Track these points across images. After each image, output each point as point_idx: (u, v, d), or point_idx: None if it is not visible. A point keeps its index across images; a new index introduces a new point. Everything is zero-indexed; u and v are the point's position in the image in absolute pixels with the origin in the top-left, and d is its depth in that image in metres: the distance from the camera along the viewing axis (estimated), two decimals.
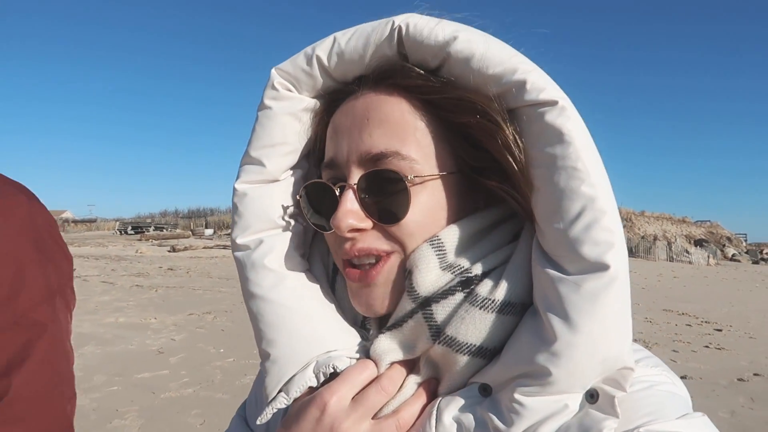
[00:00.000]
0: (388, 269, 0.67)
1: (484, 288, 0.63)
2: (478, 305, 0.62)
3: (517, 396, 0.58)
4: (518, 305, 0.63)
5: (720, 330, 9.90)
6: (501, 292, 0.62)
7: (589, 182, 0.58)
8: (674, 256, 33.08)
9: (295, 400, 0.67)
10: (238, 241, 0.72)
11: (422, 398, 0.66)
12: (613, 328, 0.56)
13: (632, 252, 32.20)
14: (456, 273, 0.65)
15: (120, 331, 8.17)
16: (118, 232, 37.68)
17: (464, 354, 0.62)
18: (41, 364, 0.90)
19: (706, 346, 8.39)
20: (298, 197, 0.73)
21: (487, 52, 0.62)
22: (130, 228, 37.83)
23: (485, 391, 0.63)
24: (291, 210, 0.75)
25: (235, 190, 0.73)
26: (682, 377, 6.15)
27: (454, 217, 0.68)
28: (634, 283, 17.64)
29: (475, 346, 0.62)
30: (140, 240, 27.62)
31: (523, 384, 0.58)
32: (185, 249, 21.08)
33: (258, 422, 0.70)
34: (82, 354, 6.72)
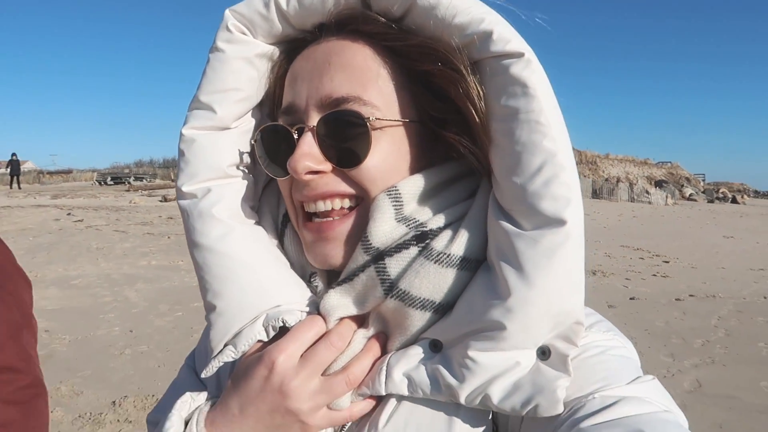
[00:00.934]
0: (348, 223, 0.66)
1: (439, 242, 0.63)
2: (432, 259, 0.62)
3: (470, 352, 0.58)
4: (473, 261, 0.63)
5: (667, 262, 11.53)
6: (457, 246, 0.62)
7: (551, 136, 0.57)
8: (635, 197, 35.07)
9: (244, 354, 0.66)
10: (184, 189, 0.70)
11: (372, 353, 0.66)
12: (567, 283, 0.56)
13: (596, 194, 34.07)
14: (411, 226, 0.65)
15: (158, 272, 9.07)
16: (97, 183, 37.64)
17: (417, 309, 0.62)
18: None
19: (654, 275, 9.97)
20: (252, 142, 0.71)
21: (453, 1, 0.60)
22: (109, 179, 37.76)
23: (436, 347, 0.63)
24: (243, 159, 0.73)
25: (182, 135, 0.71)
26: (630, 298, 7.77)
27: (414, 168, 0.67)
28: (597, 222, 19.39)
29: (428, 300, 0.62)
30: (128, 191, 28.05)
31: (476, 339, 0.58)
32: (175, 198, 21.70)
33: (203, 375, 0.69)
34: (137, 290, 7.83)
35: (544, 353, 0.58)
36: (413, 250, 0.63)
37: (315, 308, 0.67)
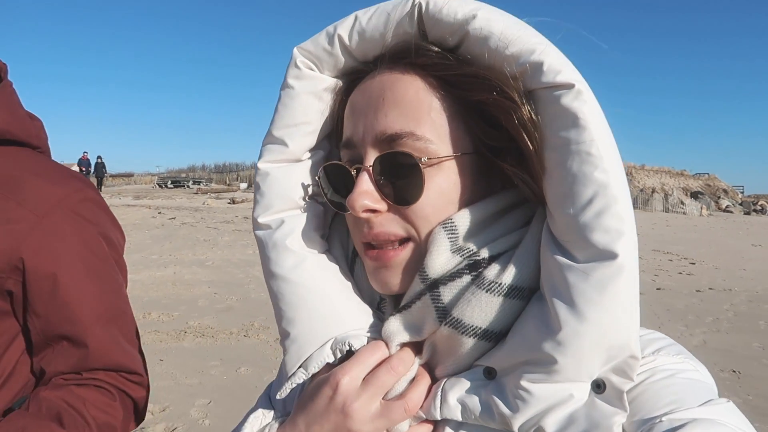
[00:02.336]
0: (405, 253, 0.68)
1: (491, 271, 0.63)
2: (484, 288, 0.62)
3: (523, 383, 0.58)
4: (525, 290, 0.63)
5: (693, 263, 13.01)
6: (508, 276, 0.62)
7: (603, 168, 0.57)
8: (670, 207, 36.00)
9: (313, 375, 0.69)
10: (260, 220, 0.74)
11: (426, 380, 0.67)
12: (620, 317, 0.55)
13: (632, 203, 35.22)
14: (465, 256, 0.65)
15: None
16: (158, 186, 40.58)
17: (469, 336, 0.63)
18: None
19: (679, 273, 11.53)
20: (317, 177, 0.73)
21: (506, 30, 0.61)
22: (169, 182, 40.70)
23: (490, 374, 0.63)
24: (312, 190, 0.76)
25: (257, 169, 0.74)
26: (657, 288, 9.52)
27: (469, 199, 0.67)
28: None
29: (480, 328, 0.62)
30: (196, 194, 30.53)
31: (529, 371, 0.58)
32: (242, 201, 23.70)
33: (278, 397, 0.72)
34: (259, 270, 9.80)
35: (599, 386, 0.58)
36: (466, 279, 0.64)
37: (380, 334, 0.69)
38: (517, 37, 0.61)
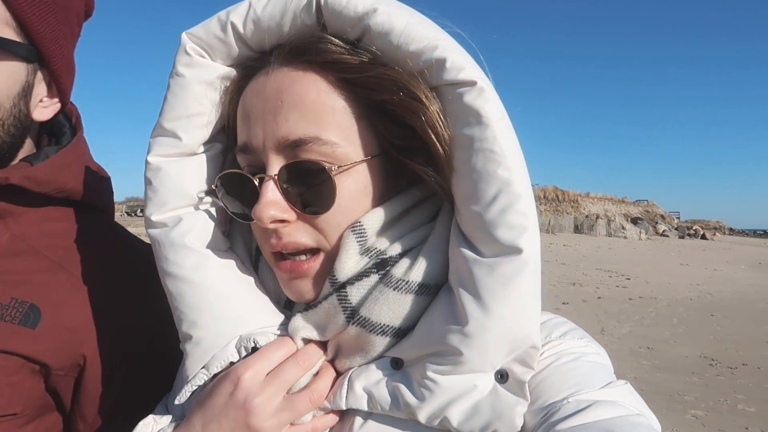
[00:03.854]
0: (318, 263, 0.66)
1: (399, 269, 0.63)
2: (392, 286, 0.62)
3: (429, 373, 0.59)
4: (432, 286, 0.63)
5: (629, 279, 15.35)
6: (416, 273, 0.63)
7: (506, 165, 0.57)
8: (613, 232, 39.12)
9: (215, 375, 0.67)
10: (154, 218, 0.70)
11: (332, 372, 0.68)
12: (523, 310, 0.57)
13: (577, 229, 38.13)
14: (372, 256, 0.65)
15: None
16: (126, 214, 41.05)
17: (378, 334, 0.63)
18: None
19: (617, 286, 13.80)
20: (213, 186, 0.70)
21: (408, 27, 0.60)
22: (139, 210, 41.29)
23: (396, 364, 0.64)
24: (210, 186, 0.72)
25: (147, 163, 0.70)
26: (598, 297, 11.80)
27: (379, 200, 0.66)
28: (578, 252, 23.30)
29: (388, 326, 0.63)
30: None
31: (435, 362, 0.59)
32: None
33: (177, 402, 0.69)
34: None
35: (502, 377, 0.59)
36: (374, 278, 0.64)
37: (287, 333, 0.68)
38: (418, 33, 0.60)
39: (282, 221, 0.64)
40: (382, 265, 0.65)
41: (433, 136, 0.61)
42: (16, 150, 0.90)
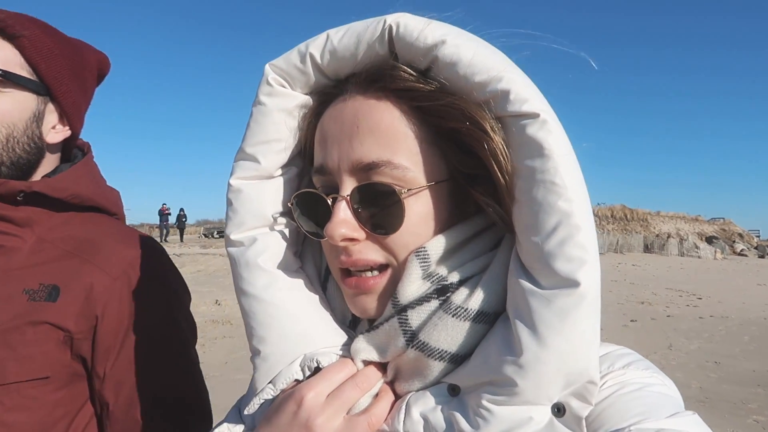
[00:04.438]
0: (383, 280, 0.69)
1: (459, 296, 0.65)
2: (451, 313, 0.64)
3: (485, 402, 0.60)
4: (491, 314, 0.64)
5: (700, 298, 15.32)
6: (475, 301, 0.64)
7: (566, 197, 0.58)
8: (685, 252, 37.90)
9: (282, 391, 0.70)
10: (233, 237, 0.74)
11: (391, 396, 0.70)
12: (580, 344, 0.57)
13: (648, 248, 37.25)
14: (434, 281, 0.67)
15: None
16: (204, 236, 43.34)
17: (435, 359, 0.65)
18: None
19: (687, 305, 13.89)
20: (289, 204, 0.74)
21: (474, 58, 0.62)
22: (215, 232, 43.52)
23: (453, 390, 0.65)
24: (285, 207, 0.76)
25: (229, 185, 0.74)
26: (667, 315, 12.04)
27: (445, 225, 0.69)
28: (648, 272, 23.06)
29: (446, 352, 0.64)
30: None
31: (490, 391, 0.60)
32: None
33: (246, 412, 0.74)
34: None
35: (559, 410, 0.59)
36: (434, 303, 0.65)
37: (349, 354, 0.70)
38: (484, 64, 0.62)
39: (352, 239, 0.67)
40: (443, 291, 0.66)
41: (495, 166, 0.62)
42: (34, 167, 1.16)
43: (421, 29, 0.64)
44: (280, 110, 0.73)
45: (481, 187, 0.67)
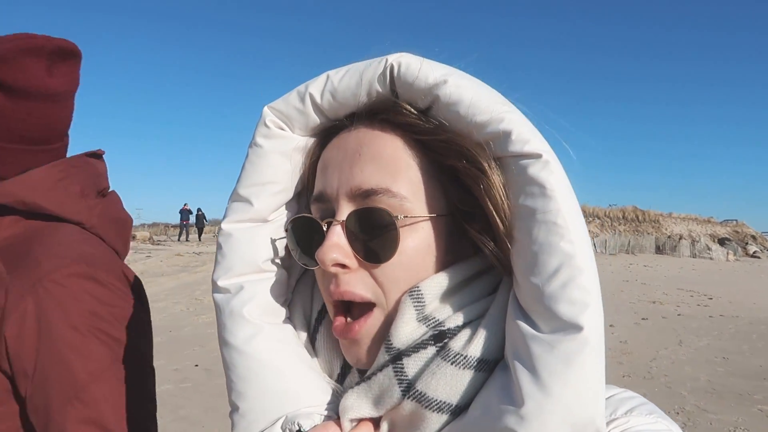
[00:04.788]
0: (370, 324, 0.66)
1: (457, 343, 0.62)
2: (449, 360, 0.61)
3: None
4: (491, 362, 0.62)
5: (711, 298, 15.56)
6: (475, 348, 0.61)
7: (569, 239, 0.57)
8: (697, 253, 37.88)
9: None
10: (219, 283, 0.72)
11: None
12: (586, 392, 0.54)
13: (659, 249, 37.33)
14: (430, 326, 0.64)
15: None
16: (215, 236, 44.07)
17: (433, 411, 0.61)
18: None
19: (698, 305, 14.15)
20: (285, 230, 0.73)
21: (475, 98, 0.62)
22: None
23: None
24: (278, 252, 0.74)
25: (220, 229, 0.73)
26: (678, 314, 12.39)
27: (439, 263, 0.67)
28: (659, 273, 23.26)
29: (445, 403, 0.61)
30: None
31: None
32: None
33: None
34: None
35: None
36: (431, 350, 0.63)
37: (335, 412, 0.68)
38: (485, 105, 0.62)
39: (343, 266, 0.65)
40: (440, 337, 0.63)
41: (491, 206, 0.62)
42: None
43: (422, 69, 0.65)
44: (277, 152, 0.72)
45: (477, 225, 0.66)
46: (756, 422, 5.71)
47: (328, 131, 0.73)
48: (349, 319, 0.69)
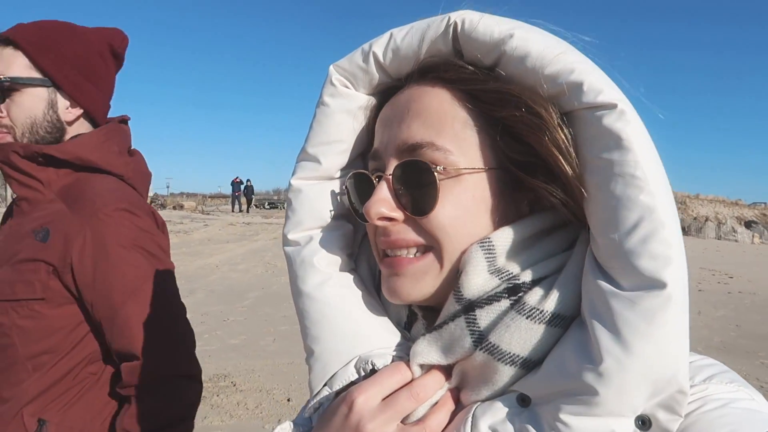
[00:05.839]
0: (421, 263, 0.67)
1: (533, 297, 0.62)
2: (525, 314, 0.61)
3: (561, 415, 0.56)
4: (567, 318, 0.61)
5: (732, 277, 16.59)
6: (551, 302, 0.61)
7: (648, 191, 0.55)
8: (723, 235, 38.29)
9: (338, 393, 0.69)
10: (290, 236, 0.75)
11: (448, 406, 0.66)
12: (668, 349, 0.53)
13: (685, 231, 37.81)
14: (504, 278, 0.64)
15: None
16: (255, 207, 45.87)
17: (506, 364, 0.61)
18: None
19: (718, 283, 15.28)
20: (344, 187, 0.75)
21: (545, 50, 0.61)
22: (267, 204, 45.87)
23: (524, 401, 0.61)
24: (344, 208, 0.77)
25: (290, 185, 0.76)
26: (699, 290, 13.72)
27: (498, 216, 0.67)
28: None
29: (518, 356, 0.61)
30: None
31: (567, 402, 0.56)
32: None
33: (305, 415, 0.75)
34: None
35: (644, 423, 0.55)
36: (505, 303, 0.63)
37: (406, 354, 0.68)
38: (555, 56, 0.60)
39: (390, 219, 0.67)
40: (514, 291, 0.63)
41: (557, 154, 0.60)
42: (59, 140, 1.51)
43: (487, 24, 0.63)
44: (343, 111, 0.74)
45: (542, 177, 0.64)
46: (758, 371, 7.03)
47: (389, 90, 0.75)
48: (402, 254, 0.69)
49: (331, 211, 0.77)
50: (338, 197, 0.78)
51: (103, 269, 1.38)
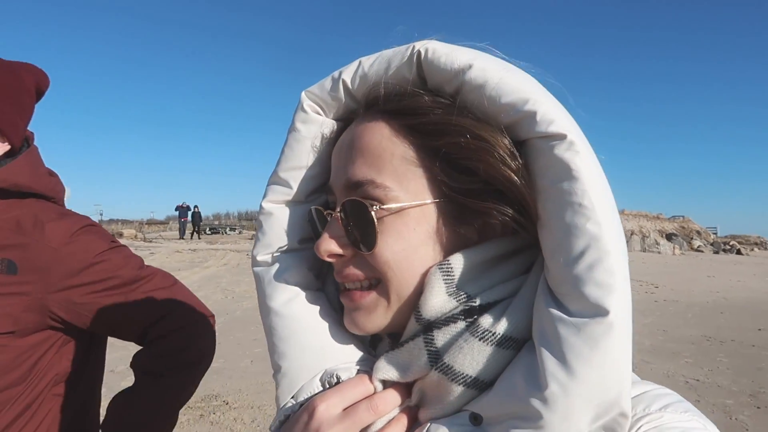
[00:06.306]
0: (372, 296, 0.69)
1: (487, 319, 0.63)
2: (478, 336, 0.63)
3: None
4: (519, 340, 0.63)
5: (657, 287, 18.08)
6: (503, 325, 0.62)
7: (595, 220, 0.57)
8: (647, 248, 40.73)
9: (302, 404, 0.70)
10: (259, 258, 0.77)
11: (406, 422, 0.68)
12: (611, 374, 0.55)
13: None
14: (461, 301, 0.65)
15: None
16: (196, 234, 44.89)
17: (459, 384, 0.63)
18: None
19: (645, 292, 16.67)
20: (307, 220, 0.77)
21: (501, 81, 0.62)
22: (208, 229, 44.77)
23: (476, 420, 0.63)
24: (310, 231, 0.78)
25: (261, 208, 0.78)
26: None
27: (446, 246, 0.68)
28: None
29: (470, 376, 0.63)
30: (250, 239, 34.76)
31: (515, 425, 0.58)
32: None
33: (271, 429, 0.74)
34: None
35: None
36: (461, 325, 0.64)
37: (371, 369, 0.70)
38: (511, 86, 0.62)
39: (339, 255, 0.70)
40: (470, 313, 0.65)
41: (507, 171, 0.61)
42: None
43: (449, 53, 0.65)
44: (313, 137, 0.76)
45: (492, 200, 0.65)
46: (684, 370, 7.97)
47: (348, 120, 0.76)
48: (353, 288, 0.72)
49: (299, 233, 0.79)
50: (307, 221, 0.79)
51: (103, 274, 1.46)
